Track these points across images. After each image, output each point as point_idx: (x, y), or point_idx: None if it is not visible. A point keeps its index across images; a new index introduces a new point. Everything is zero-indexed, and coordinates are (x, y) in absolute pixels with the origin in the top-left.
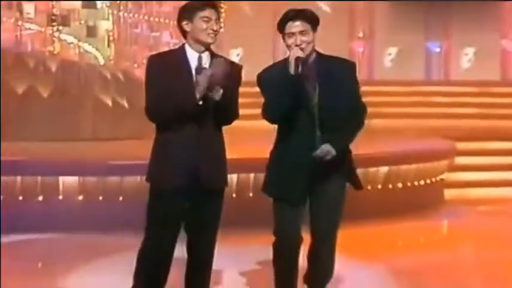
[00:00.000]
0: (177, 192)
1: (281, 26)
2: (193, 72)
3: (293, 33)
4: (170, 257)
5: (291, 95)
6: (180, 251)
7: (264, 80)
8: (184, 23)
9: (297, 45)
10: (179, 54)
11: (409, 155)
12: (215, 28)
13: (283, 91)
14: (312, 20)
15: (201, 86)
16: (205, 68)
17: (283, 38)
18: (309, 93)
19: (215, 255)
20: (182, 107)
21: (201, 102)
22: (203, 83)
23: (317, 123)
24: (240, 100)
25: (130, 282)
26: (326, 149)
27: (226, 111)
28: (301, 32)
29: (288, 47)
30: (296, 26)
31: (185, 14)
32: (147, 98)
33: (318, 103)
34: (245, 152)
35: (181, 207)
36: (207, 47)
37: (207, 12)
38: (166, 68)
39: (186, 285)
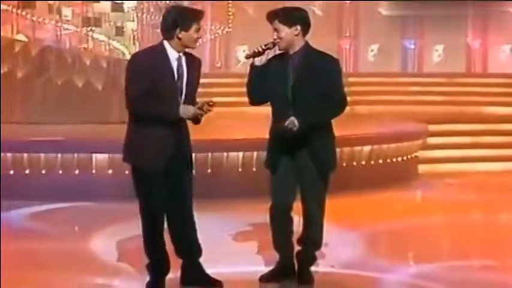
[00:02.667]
0: (161, 170)
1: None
2: (175, 70)
3: (274, 30)
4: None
5: (252, 80)
6: None
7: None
8: (177, 31)
9: (273, 41)
10: (160, 53)
11: (389, 136)
12: (200, 36)
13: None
14: (283, 19)
15: (190, 112)
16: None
17: None
18: (283, 78)
19: (229, 220)
20: (166, 116)
21: None
22: (193, 113)
23: (290, 103)
24: None
25: None
26: (292, 120)
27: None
28: (275, 29)
29: None
30: (273, 25)
31: (183, 23)
32: (130, 91)
33: (293, 86)
34: (249, 133)
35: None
36: None
37: (200, 23)
38: (150, 65)
39: (176, 248)
